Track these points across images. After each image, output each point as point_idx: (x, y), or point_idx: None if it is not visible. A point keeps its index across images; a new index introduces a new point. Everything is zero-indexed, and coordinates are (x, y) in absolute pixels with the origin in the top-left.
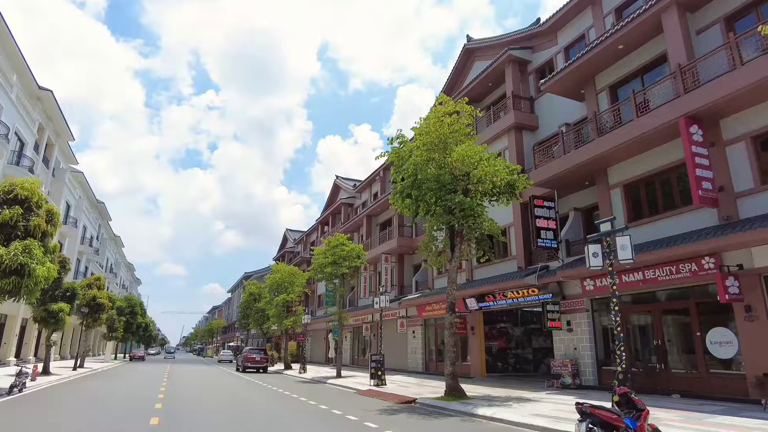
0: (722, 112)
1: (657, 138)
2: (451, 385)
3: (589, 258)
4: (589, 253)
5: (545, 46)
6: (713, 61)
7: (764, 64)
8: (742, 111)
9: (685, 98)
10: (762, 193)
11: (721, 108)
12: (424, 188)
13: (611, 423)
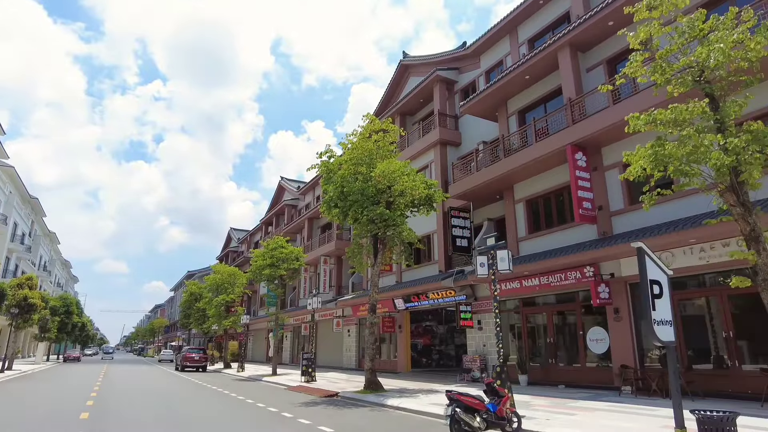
0: (602, 141)
1: (551, 161)
2: (369, 380)
3: (477, 267)
4: (477, 263)
5: (469, 68)
6: (596, 97)
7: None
8: (617, 142)
9: (572, 128)
10: (630, 212)
11: (601, 138)
12: (349, 200)
13: (473, 407)
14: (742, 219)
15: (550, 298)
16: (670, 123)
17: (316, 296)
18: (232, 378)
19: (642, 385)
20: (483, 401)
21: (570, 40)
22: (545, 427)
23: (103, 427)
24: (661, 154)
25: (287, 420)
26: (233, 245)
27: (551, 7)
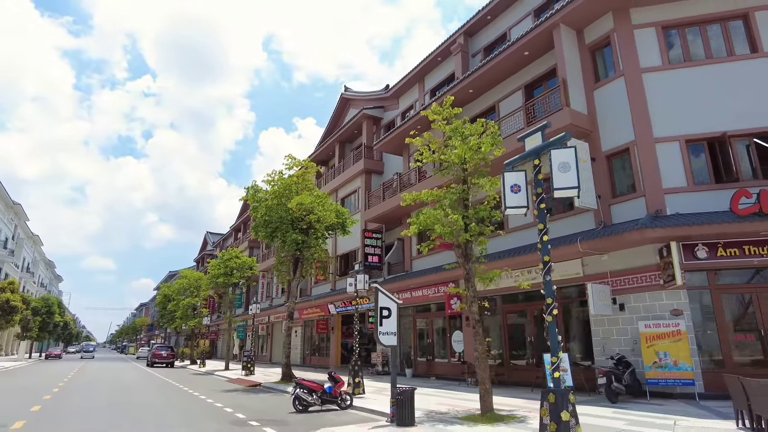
0: None
1: None
2: (285, 372)
3: (347, 286)
4: (347, 283)
5: (391, 108)
6: None
7: None
8: None
9: None
10: None
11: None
12: (270, 227)
13: (313, 388)
14: (463, 266)
15: (432, 306)
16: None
17: (256, 303)
18: (190, 373)
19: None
20: (323, 385)
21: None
22: (369, 403)
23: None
24: (424, 221)
25: (201, 400)
26: (209, 248)
27: (445, 65)
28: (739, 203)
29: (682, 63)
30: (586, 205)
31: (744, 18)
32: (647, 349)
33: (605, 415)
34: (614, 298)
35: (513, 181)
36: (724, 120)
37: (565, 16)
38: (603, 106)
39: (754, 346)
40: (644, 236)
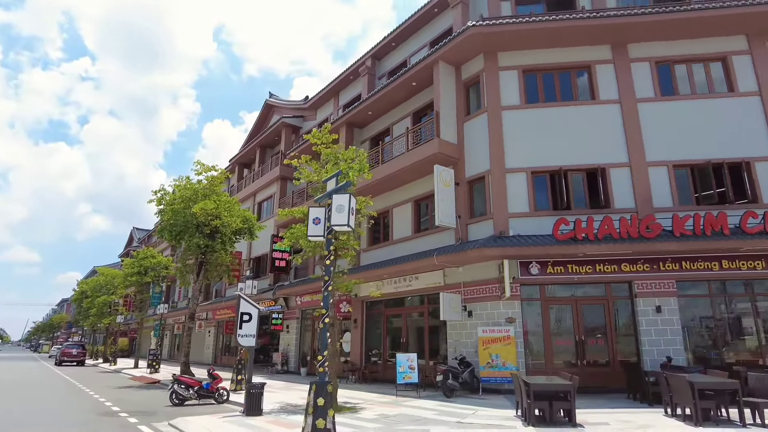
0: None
1: None
2: (183, 370)
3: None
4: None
5: (310, 118)
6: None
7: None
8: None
9: None
10: (370, 251)
11: (364, 192)
12: (174, 230)
13: (190, 384)
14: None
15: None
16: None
17: (164, 304)
18: (98, 371)
19: (365, 374)
20: (200, 381)
21: (347, 119)
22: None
23: None
24: (293, 236)
25: (87, 396)
26: (134, 244)
27: (356, 84)
28: (559, 229)
29: (536, 104)
30: (446, 224)
31: (588, 69)
32: (483, 351)
33: (428, 407)
34: (465, 305)
35: (315, 215)
36: (562, 156)
37: (443, 54)
38: (470, 137)
39: (571, 350)
40: (483, 254)
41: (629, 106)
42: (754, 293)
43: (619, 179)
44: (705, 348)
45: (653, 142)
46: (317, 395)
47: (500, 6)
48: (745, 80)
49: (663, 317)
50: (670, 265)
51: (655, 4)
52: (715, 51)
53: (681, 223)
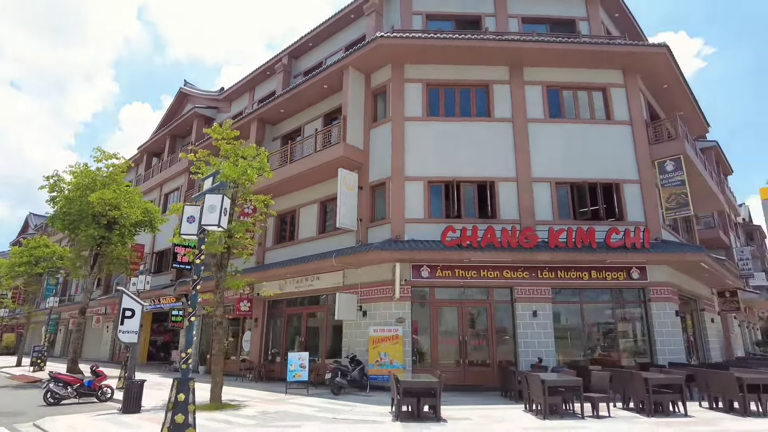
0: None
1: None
2: (70, 368)
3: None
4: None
5: (224, 110)
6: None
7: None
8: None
9: None
10: (275, 250)
11: (272, 191)
12: (68, 219)
13: (69, 381)
14: (215, 274)
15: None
16: None
17: (54, 296)
18: None
19: (263, 373)
20: (82, 379)
21: (259, 115)
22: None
23: None
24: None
25: None
26: (30, 231)
27: (272, 80)
28: (447, 236)
29: (437, 117)
30: (346, 226)
31: (486, 87)
32: (373, 350)
33: (313, 404)
34: (360, 306)
35: (190, 213)
36: (457, 167)
37: (353, 60)
38: (375, 144)
39: (455, 349)
40: (378, 256)
41: (520, 125)
42: (617, 301)
43: (507, 192)
44: (573, 349)
45: (539, 160)
46: (179, 391)
47: (412, 19)
48: (620, 110)
49: (538, 321)
50: (547, 273)
51: (551, 33)
52: (598, 81)
53: (556, 235)
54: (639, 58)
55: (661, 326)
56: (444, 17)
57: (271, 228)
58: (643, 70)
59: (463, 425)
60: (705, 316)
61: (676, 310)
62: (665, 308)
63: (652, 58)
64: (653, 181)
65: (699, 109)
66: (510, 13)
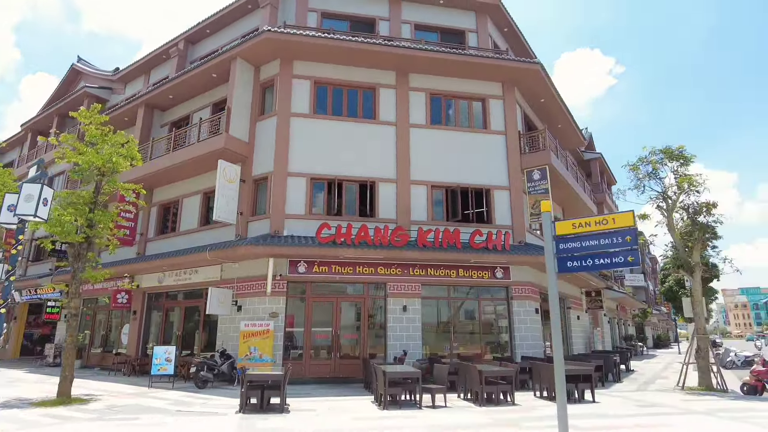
0: (156, 183)
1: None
2: None
3: None
4: None
5: (119, 91)
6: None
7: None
8: (162, 186)
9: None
10: (157, 241)
11: (157, 179)
12: None
13: None
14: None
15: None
16: None
17: None
18: None
19: (137, 367)
20: None
21: (146, 100)
22: None
23: None
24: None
25: None
26: None
27: (168, 64)
28: (321, 233)
29: (323, 115)
30: (224, 220)
31: (373, 90)
32: (243, 344)
33: (170, 398)
34: (236, 300)
35: (10, 202)
36: (341, 166)
37: (241, 52)
38: (260, 137)
39: (329, 343)
40: (251, 251)
41: (403, 129)
42: (483, 298)
43: (386, 193)
44: (440, 343)
45: (418, 163)
46: None
47: (307, 16)
48: (497, 121)
49: (408, 315)
50: (418, 270)
51: (440, 42)
52: (478, 92)
53: (424, 235)
54: (515, 73)
55: (521, 322)
56: (339, 17)
57: (153, 218)
58: (520, 84)
59: (302, 416)
60: (571, 313)
61: (536, 308)
62: (525, 306)
63: (527, 73)
64: (521, 188)
65: (574, 123)
66: (404, 19)
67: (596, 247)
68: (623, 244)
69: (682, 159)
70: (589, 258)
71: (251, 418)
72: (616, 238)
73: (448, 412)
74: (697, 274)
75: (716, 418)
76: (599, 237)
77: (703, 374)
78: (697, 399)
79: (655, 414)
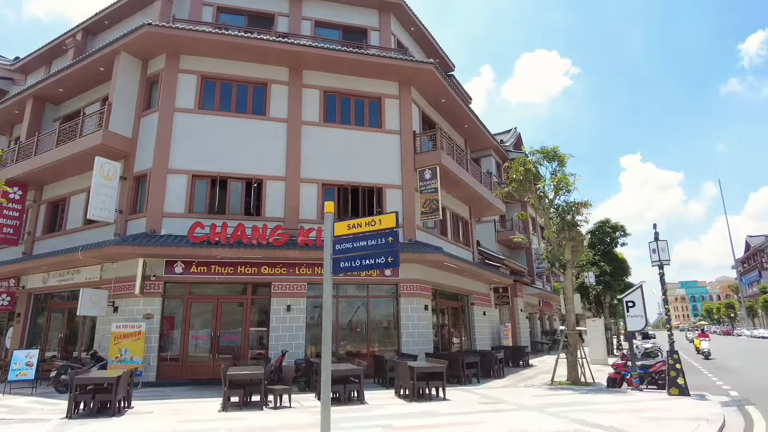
0: (44, 179)
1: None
2: None
3: None
4: None
5: (19, 82)
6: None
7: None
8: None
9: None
10: (44, 240)
11: (45, 176)
12: None
13: None
14: None
15: None
16: None
17: None
18: None
19: None
20: None
21: (35, 92)
22: None
23: None
24: None
25: None
26: None
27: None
28: (194, 232)
29: (210, 110)
30: (99, 218)
31: (264, 86)
32: (114, 346)
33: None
34: (113, 301)
35: None
36: (227, 163)
37: (125, 45)
38: (144, 133)
39: (208, 345)
40: (118, 251)
41: (295, 126)
42: (372, 296)
43: (275, 191)
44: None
45: (310, 161)
46: None
47: (202, 10)
48: (392, 120)
49: (292, 315)
50: (304, 270)
51: (341, 40)
52: (375, 91)
53: (306, 234)
54: (411, 73)
55: (408, 319)
56: (236, 11)
57: (42, 216)
58: (416, 84)
59: (132, 419)
60: (475, 309)
61: (425, 305)
62: (413, 303)
63: (421, 73)
64: (415, 187)
65: (481, 124)
66: (304, 16)
67: (365, 248)
68: (386, 245)
69: (558, 159)
70: (358, 259)
71: (70, 423)
72: (380, 239)
73: (291, 412)
74: (569, 271)
75: (538, 413)
76: (368, 238)
77: (571, 369)
78: (552, 394)
79: (485, 411)
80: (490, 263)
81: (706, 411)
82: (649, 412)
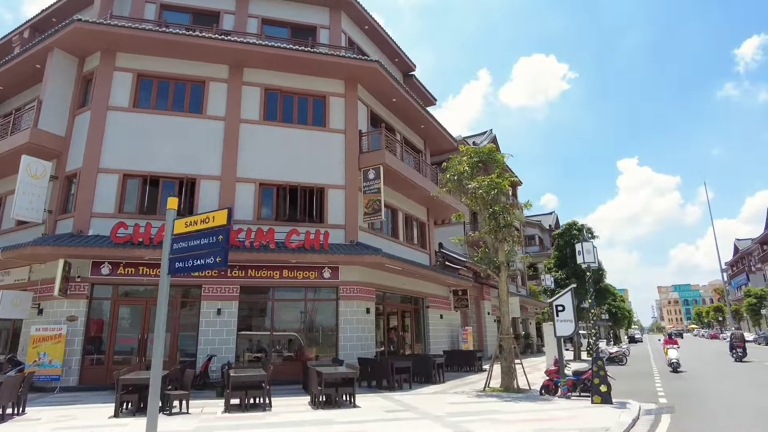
0: None
1: None
2: None
3: None
4: None
5: None
6: None
7: None
8: None
9: None
10: None
11: None
12: None
13: None
14: None
15: None
16: None
17: None
18: None
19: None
20: None
21: None
22: None
23: None
24: None
25: None
26: None
27: None
28: (117, 233)
29: (146, 108)
30: (25, 218)
31: (202, 84)
32: (32, 350)
33: None
34: (38, 303)
35: None
36: (161, 162)
37: (57, 42)
38: (77, 132)
39: (136, 348)
40: (36, 252)
41: (233, 124)
42: (309, 299)
43: (209, 190)
44: (253, 346)
45: (248, 160)
46: None
47: (145, 8)
48: (337, 119)
49: (223, 319)
50: (237, 272)
51: (289, 38)
52: (319, 89)
53: (234, 235)
54: (356, 71)
55: (347, 323)
56: (180, 9)
57: None
58: (363, 82)
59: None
60: (431, 312)
61: (367, 308)
62: (353, 306)
63: (367, 71)
64: (359, 187)
65: (439, 125)
66: (251, 13)
67: (198, 248)
68: (216, 243)
69: (495, 162)
70: (191, 259)
71: None
72: (212, 237)
73: (182, 418)
74: (503, 273)
75: (431, 423)
76: (201, 237)
77: (505, 375)
78: (473, 401)
79: (382, 420)
80: (451, 265)
81: (614, 420)
82: (551, 422)
